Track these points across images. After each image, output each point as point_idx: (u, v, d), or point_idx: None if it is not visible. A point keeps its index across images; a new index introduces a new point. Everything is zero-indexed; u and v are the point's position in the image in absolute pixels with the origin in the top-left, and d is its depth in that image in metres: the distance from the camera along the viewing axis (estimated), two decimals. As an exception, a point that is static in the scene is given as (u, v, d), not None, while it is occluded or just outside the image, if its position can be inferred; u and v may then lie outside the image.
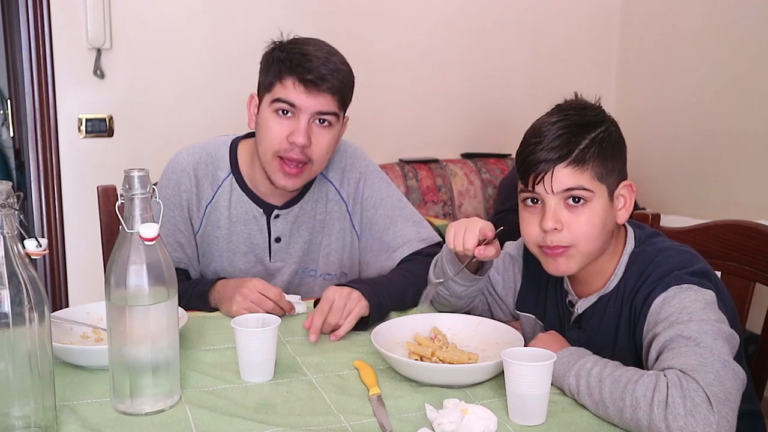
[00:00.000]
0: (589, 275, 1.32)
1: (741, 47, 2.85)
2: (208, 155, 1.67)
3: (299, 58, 1.51)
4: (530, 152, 1.26)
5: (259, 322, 1.25)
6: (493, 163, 3.28)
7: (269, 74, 1.55)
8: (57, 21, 2.69)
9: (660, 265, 1.23)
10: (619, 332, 1.28)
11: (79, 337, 1.35)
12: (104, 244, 1.84)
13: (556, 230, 1.24)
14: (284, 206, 1.67)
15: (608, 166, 1.25)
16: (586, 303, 1.32)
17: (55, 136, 2.76)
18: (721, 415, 0.99)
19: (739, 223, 1.53)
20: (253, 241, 1.68)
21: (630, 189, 1.29)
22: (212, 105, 2.87)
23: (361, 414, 1.10)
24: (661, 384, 1.02)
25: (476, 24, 3.28)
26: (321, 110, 1.52)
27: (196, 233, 1.68)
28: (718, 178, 2.99)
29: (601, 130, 1.26)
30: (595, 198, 1.24)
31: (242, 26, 2.87)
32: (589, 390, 1.10)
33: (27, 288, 0.96)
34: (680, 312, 1.14)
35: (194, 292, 1.57)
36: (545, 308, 1.42)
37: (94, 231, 1.94)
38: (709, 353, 1.06)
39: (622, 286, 1.28)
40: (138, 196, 1.07)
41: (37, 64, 2.70)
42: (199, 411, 1.10)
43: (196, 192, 1.65)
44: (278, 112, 1.53)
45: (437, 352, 1.27)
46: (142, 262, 1.07)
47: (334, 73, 1.51)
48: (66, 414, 1.08)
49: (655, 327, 1.17)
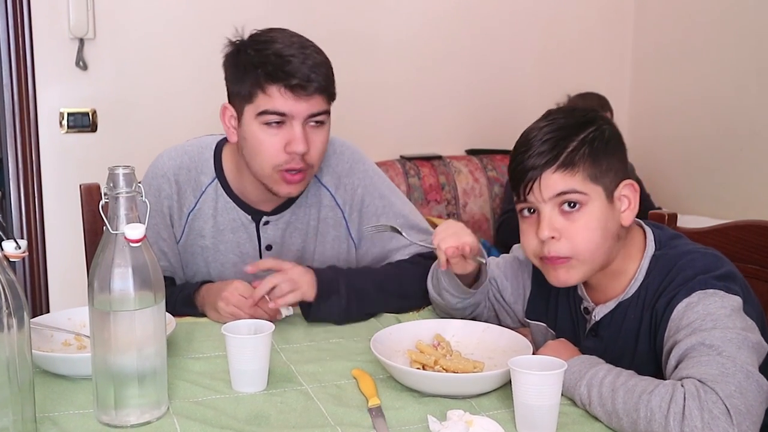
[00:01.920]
0: (606, 280, 1.31)
1: (758, 42, 2.86)
2: (190, 159, 1.65)
3: (276, 61, 1.46)
4: (519, 161, 1.28)
5: (252, 329, 1.25)
6: (499, 159, 3.27)
7: (245, 83, 1.49)
8: (37, 8, 2.69)
9: (684, 268, 1.23)
10: (639, 340, 1.27)
11: (60, 345, 1.35)
12: (87, 245, 1.84)
13: (554, 239, 1.24)
14: (274, 212, 1.65)
15: (602, 167, 1.26)
16: (604, 309, 1.32)
17: (35, 132, 2.76)
18: (741, 429, 0.98)
19: (759, 223, 1.53)
20: (243, 250, 1.66)
21: (632, 188, 1.29)
22: (201, 99, 2.87)
23: (360, 426, 1.10)
24: (678, 395, 1.02)
25: (483, 13, 3.28)
26: (313, 112, 1.50)
27: (178, 242, 1.66)
28: (736, 176, 2.99)
29: (591, 130, 1.27)
30: (590, 201, 1.24)
31: (233, 16, 2.86)
32: (601, 400, 1.10)
33: (5, 293, 0.96)
34: (704, 319, 1.14)
35: (179, 296, 1.57)
36: (557, 316, 1.42)
37: (77, 232, 1.94)
38: (731, 363, 1.06)
39: (644, 292, 1.27)
40: (123, 195, 1.07)
41: (16, 55, 2.70)
42: (187, 423, 1.10)
43: (177, 199, 1.63)
44: (268, 124, 1.49)
45: (440, 361, 1.27)
46: (127, 265, 1.07)
47: (317, 68, 1.48)
48: (46, 426, 1.07)
49: (676, 334, 1.16)
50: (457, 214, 3.15)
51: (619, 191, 1.27)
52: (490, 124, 3.38)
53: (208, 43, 2.89)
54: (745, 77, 2.93)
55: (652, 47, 3.40)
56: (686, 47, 3.21)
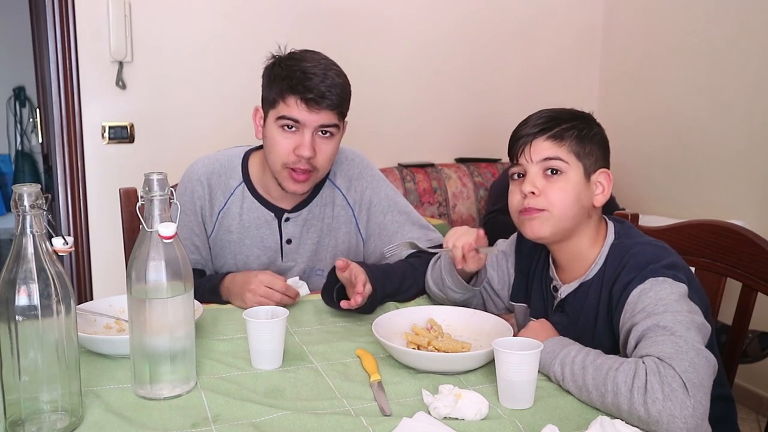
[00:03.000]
0: (572, 261, 1.33)
1: (711, 63, 2.86)
2: (221, 165, 1.67)
3: (300, 77, 1.50)
4: (516, 131, 1.33)
5: (269, 314, 1.25)
6: (484, 167, 3.28)
7: (272, 91, 1.54)
8: (82, 36, 2.69)
9: (635, 255, 1.24)
10: (598, 316, 1.28)
11: (102, 328, 1.35)
12: (126, 241, 1.84)
13: (533, 194, 1.27)
14: (293, 210, 1.67)
15: (585, 149, 1.29)
16: (568, 288, 1.33)
17: (81, 142, 2.76)
18: (696, 399, 0.99)
19: (711, 222, 1.53)
20: (266, 244, 1.67)
21: (608, 177, 1.32)
22: (225, 114, 2.87)
23: (363, 399, 1.10)
24: (640, 371, 1.02)
25: (470, 40, 3.28)
26: (323, 124, 1.52)
27: (209, 236, 1.68)
28: (691, 181, 2.99)
29: (581, 122, 1.31)
30: (570, 170, 1.28)
31: (252, 41, 2.87)
32: (573, 377, 1.10)
33: (54, 282, 0.96)
34: (656, 303, 1.15)
35: (207, 287, 1.58)
36: (532, 295, 1.43)
37: (117, 230, 1.94)
38: (683, 342, 1.06)
39: (602, 275, 1.29)
40: (157, 198, 1.07)
41: (64, 76, 2.70)
42: (213, 396, 1.10)
43: (209, 199, 1.65)
44: (283, 127, 1.53)
45: (433, 342, 1.27)
46: (160, 259, 1.07)
47: (332, 89, 1.51)
48: (90, 399, 1.08)
49: (633, 317, 1.17)
50: (447, 215, 3.15)
51: (596, 176, 1.30)
52: (476, 136, 3.38)
53: (232, 65, 2.89)
54: (698, 95, 2.92)
55: (617, 69, 3.40)
56: (647, 69, 3.21)
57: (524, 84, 3.39)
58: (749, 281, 1.42)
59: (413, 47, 3.19)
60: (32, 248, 0.95)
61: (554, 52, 3.43)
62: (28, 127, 5.87)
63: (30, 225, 0.95)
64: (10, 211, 1.54)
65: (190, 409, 1.06)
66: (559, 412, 1.06)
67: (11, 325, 0.94)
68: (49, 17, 2.68)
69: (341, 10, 3.02)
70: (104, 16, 2.68)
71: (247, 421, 1.02)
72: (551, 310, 1.37)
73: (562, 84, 3.43)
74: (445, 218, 3.12)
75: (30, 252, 0.95)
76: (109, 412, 1.04)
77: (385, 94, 3.13)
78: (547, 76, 3.42)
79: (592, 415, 1.04)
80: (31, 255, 0.95)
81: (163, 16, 2.78)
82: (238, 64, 2.88)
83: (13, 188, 0.94)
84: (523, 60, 3.39)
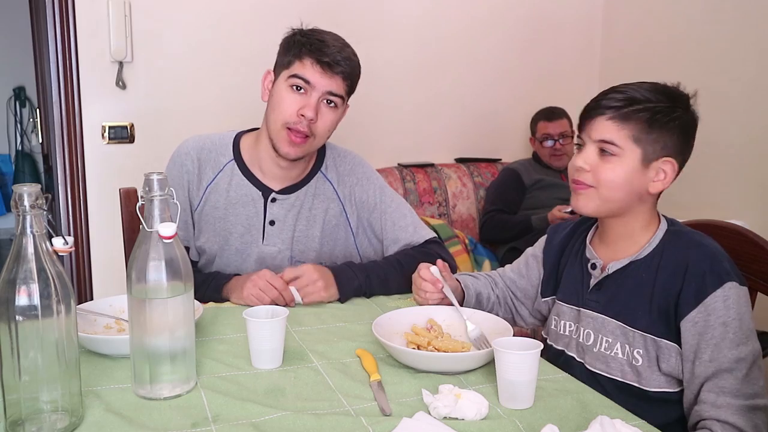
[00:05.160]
0: (621, 239, 1.33)
1: (711, 63, 2.86)
2: (212, 142, 1.71)
3: (318, 44, 1.56)
4: (594, 98, 1.31)
5: (269, 313, 1.25)
6: (484, 167, 3.29)
7: (288, 54, 1.59)
8: (82, 36, 2.69)
9: (700, 245, 1.25)
10: (650, 295, 1.27)
11: (102, 328, 1.35)
12: (126, 241, 1.84)
13: (583, 170, 1.28)
14: (282, 192, 1.69)
15: (652, 134, 1.25)
16: (617, 264, 1.32)
17: (81, 142, 2.76)
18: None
19: (711, 222, 1.53)
20: (250, 223, 1.69)
21: (672, 166, 1.28)
22: (225, 114, 2.87)
23: (363, 398, 1.10)
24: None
25: (470, 40, 3.28)
26: (331, 90, 1.57)
27: (195, 210, 1.69)
28: (690, 181, 2.98)
29: (663, 104, 1.26)
30: (624, 155, 1.26)
31: (252, 42, 2.87)
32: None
33: (54, 282, 0.96)
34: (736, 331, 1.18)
35: (212, 284, 1.59)
36: (562, 282, 1.43)
37: (117, 230, 1.94)
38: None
39: (658, 256, 1.28)
40: (157, 198, 1.07)
41: (64, 76, 2.70)
42: (213, 395, 1.10)
43: (198, 173, 1.68)
44: (293, 87, 1.57)
45: (433, 342, 1.27)
46: (160, 259, 1.07)
47: (347, 60, 1.58)
48: (91, 398, 1.08)
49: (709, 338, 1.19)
50: (447, 215, 3.15)
51: (659, 163, 1.28)
52: (475, 137, 3.38)
53: (232, 65, 2.90)
54: (698, 95, 2.92)
55: (616, 70, 3.40)
56: (645, 70, 3.21)
57: (523, 87, 3.39)
58: (749, 281, 1.41)
59: (413, 47, 3.19)
60: (32, 248, 0.95)
61: (554, 52, 3.43)
62: (28, 127, 5.88)
63: (30, 225, 0.95)
64: (10, 211, 1.54)
65: (190, 409, 1.06)
66: (559, 412, 1.06)
67: (11, 325, 0.94)
68: (49, 17, 2.67)
69: (341, 10, 3.02)
70: (104, 16, 2.68)
71: (247, 420, 1.02)
72: (587, 290, 1.36)
73: (562, 84, 3.43)
74: (445, 218, 3.12)
75: (30, 252, 0.95)
76: (109, 412, 1.03)
77: (385, 94, 3.13)
78: (547, 76, 3.42)
79: (592, 414, 1.04)
80: (31, 255, 0.95)
81: (163, 16, 2.78)
82: (237, 65, 2.88)
83: (14, 188, 0.94)
84: (523, 59, 3.38)
